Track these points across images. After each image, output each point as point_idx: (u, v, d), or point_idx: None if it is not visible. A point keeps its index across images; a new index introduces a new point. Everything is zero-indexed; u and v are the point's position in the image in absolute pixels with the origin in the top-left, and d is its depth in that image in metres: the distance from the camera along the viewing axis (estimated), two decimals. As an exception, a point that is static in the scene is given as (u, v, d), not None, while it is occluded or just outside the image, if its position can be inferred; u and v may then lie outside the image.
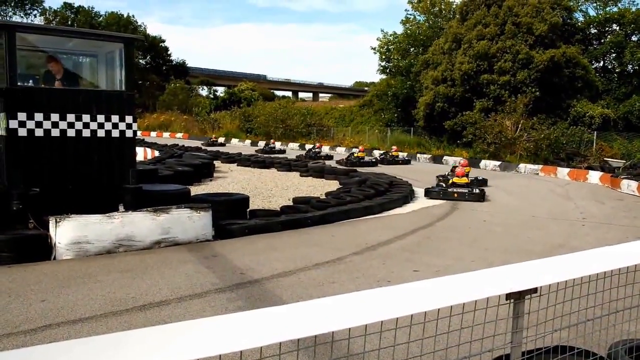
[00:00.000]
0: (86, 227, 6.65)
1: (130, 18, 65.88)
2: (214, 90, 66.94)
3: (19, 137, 6.88)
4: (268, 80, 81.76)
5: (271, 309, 1.46)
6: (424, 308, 1.71)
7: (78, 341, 1.17)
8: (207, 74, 74.33)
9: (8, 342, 4.01)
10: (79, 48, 8.68)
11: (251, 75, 77.22)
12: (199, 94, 64.90)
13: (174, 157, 20.47)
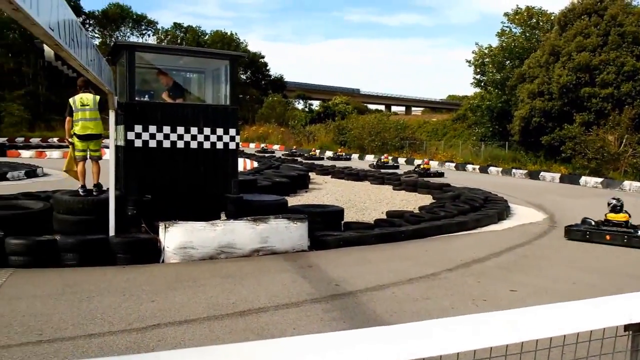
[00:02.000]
0: (192, 234, 7.05)
1: (234, 36, 69.40)
2: (309, 104, 68.61)
3: (135, 147, 7.47)
4: (361, 94, 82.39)
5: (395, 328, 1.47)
6: (533, 336, 1.65)
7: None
8: (303, 88, 76.36)
9: (122, 338, 4.32)
10: (189, 65, 9.29)
11: (345, 89, 78.26)
12: (295, 107, 66.76)
13: (272, 168, 21.13)
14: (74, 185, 8.36)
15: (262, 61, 70.24)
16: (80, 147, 7.80)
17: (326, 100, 63.55)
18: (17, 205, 8.20)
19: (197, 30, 69.99)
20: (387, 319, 4.98)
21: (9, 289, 5.55)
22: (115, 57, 8.22)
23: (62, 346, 4.08)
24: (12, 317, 4.67)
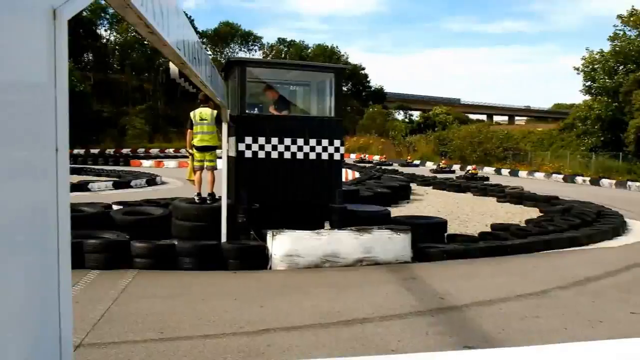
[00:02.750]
0: (298, 242, 7.26)
1: (335, 49, 70.75)
2: (409, 114, 68.06)
3: (246, 158, 7.86)
4: (462, 104, 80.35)
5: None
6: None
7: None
8: (403, 98, 75.98)
9: (234, 340, 4.52)
10: (296, 78, 9.61)
11: (445, 99, 76.85)
12: (395, 118, 66.50)
13: (373, 178, 21.17)
14: (190, 193, 8.94)
15: (362, 73, 70.86)
16: (197, 158, 8.35)
17: (426, 111, 62.73)
18: (140, 211, 8.94)
19: (300, 44, 72.18)
20: (494, 336, 4.80)
21: (134, 289, 6.05)
22: (228, 72, 8.72)
23: (181, 345, 4.36)
24: (137, 315, 5.07)
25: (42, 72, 0.89)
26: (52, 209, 0.94)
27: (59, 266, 0.96)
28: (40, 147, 0.88)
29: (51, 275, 0.94)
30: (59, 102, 0.93)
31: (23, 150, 0.84)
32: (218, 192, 8.34)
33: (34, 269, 0.88)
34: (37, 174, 0.88)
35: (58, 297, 0.96)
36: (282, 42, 73.30)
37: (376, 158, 47.24)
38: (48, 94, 0.91)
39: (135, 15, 1.56)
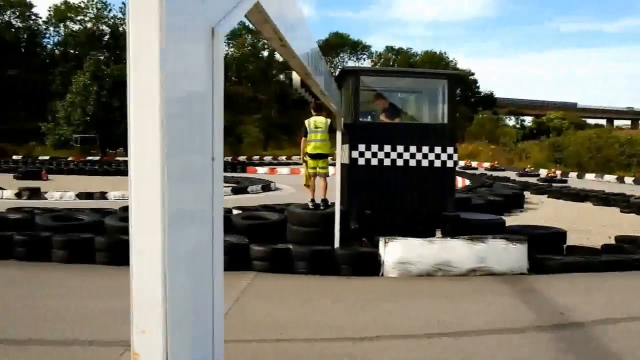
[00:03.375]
0: (410, 249, 7.18)
1: (443, 55, 69.44)
2: (521, 120, 64.95)
3: (359, 165, 7.94)
4: (578, 108, 75.10)
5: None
6: None
7: None
8: (514, 103, 72.85)
9: (341, 345, 4.57)
10: (408, 86, 9.55)
11: (560, 103, 72.42)
12: (506, 123, 63.74)
13: (485, 186, 20.42)
14: (302, 199, 9.18)
15: (471, 78, 68.82)
16: (311, 165, 8.58)
17: (539, 116, 59.43)
18: (258, 216, 9.35)
19: (407, 52, 71.67)
20: (628, 359, 4.41)
21: (253, 290, 6.33)
22: (342, 81, 8.87)
23: (298, 347, 4.50)
24: (255, 316, 5.31)
25: (205, 85, 0.97)
26: (209, 216, 1.02)
27: (213, 268, 1.04)
28: (201, 155, 0.96)
29: (208, 278, 1.02)
30: (215, 113, 1.01)
31: (192, 157, 0.92)
32: (331, 198, 8.50)
33: (198, 269, 0.97)
34: (198, 180, 0.96)
35: (212, 300, 1.03)
36: (390, 50, 73.26)
37: (486, 165, 45.50)
38: (208, 105, 0.99)
39: (271, 30, 1.65)
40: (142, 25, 0.77)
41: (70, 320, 5.11)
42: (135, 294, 0.81)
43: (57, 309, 5.46)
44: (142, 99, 0.79)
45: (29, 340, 4.53)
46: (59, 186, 20.60)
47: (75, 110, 45.60)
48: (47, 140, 46.87)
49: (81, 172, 29.50)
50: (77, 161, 36.55)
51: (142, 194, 0.79)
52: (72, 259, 7.37)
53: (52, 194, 17.05)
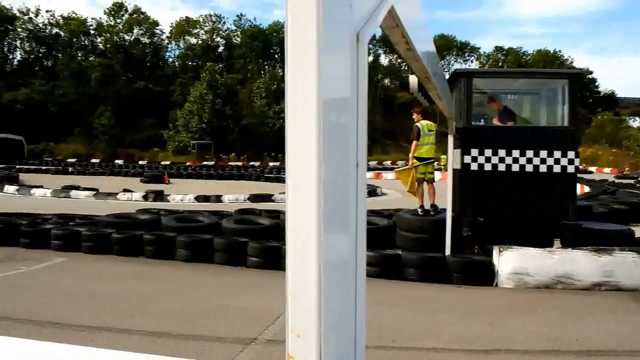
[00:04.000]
0: (527, 259, 6.80)
1: (557, 53, 65.24)
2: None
3: (471, 171, 7.66)
4: None
5: None
6: None
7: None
8: (638, 103, 66.47)
9: (450, 357, 4.42)
10: (524, 87, 9.07)
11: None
12: (630, 125, 58.46)
13: (607, 193, 18.86)
14: (409, 204, 9.02)
15: (589, 77, 63.95)
16: (421, 170, 8.43)
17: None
18: (368, 221, 9.33)
19: (518, 51, 68.18)
20: None
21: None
22: (453, 84, 8.63)
23: (411, 355, 4.42)
24: (369, 322, 5.29)
25: (350, 91, 0.98)
26: (353, 222, 1.01)
27: (357, 273, 1.03)
28: (347, 162, 0.96)
29: (352, 282, 1.02)
30: (359, 119, 1.01)
31: (341, 163, 0.92)
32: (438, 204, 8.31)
33: (345, 274, 0.97)
34: (344, 187, 0.96)
35: (355, 305, 1.03)
36: (500, 51, 70.13)
37: (607, 170, 41.92)
38: (353, 110, 0.99)
39: (400, 34, 1.63)
40: (300, 33, 0.79)
41: (195, 315, 5.43)
42: (291, 299, 0.82)
43: (183, 305, 5.83)
44: (300, 106, 0.80)
45: (157, 332, 4.88)
46: (179, 189, 22.06)
47: (193, 118, 48.68)
48: (168, 146, 50.47)
49: (198, 176, 31.39)
50: (194, 166, 38.91)
51: (298, 198, 0.81)
52: (194, 258, 7.85)
53: (174, 197, 18.30)
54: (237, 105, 51.45)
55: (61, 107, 52.80)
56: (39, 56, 63.62)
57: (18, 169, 34.51)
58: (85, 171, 34.66)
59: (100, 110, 51.17)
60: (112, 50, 61.31)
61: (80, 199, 18.98)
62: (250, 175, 31.25)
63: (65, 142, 50.38)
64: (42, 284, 6.78)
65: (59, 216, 10.79)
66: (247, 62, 63.29)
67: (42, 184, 22.91)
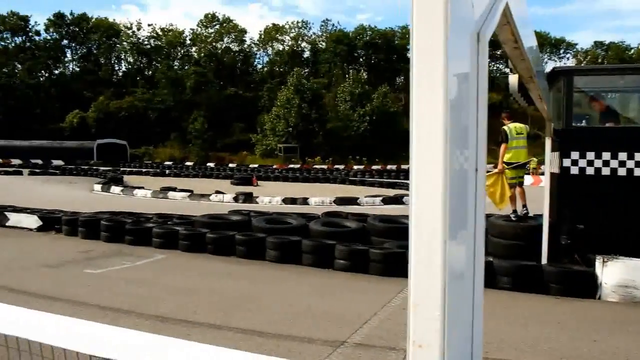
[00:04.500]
0: (634, 272, 6.30)
1: (668, 45, 60.08)
2: None
3: (571, 175, 7.21)
4: None
5: None
6: None
7: None
8: None
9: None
10: (631, 84, 8.41)
11: None
12: None
13: None
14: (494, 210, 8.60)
15: None
16: (511, 175, 8.08)
17: None
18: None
19: (620, 45, 63.41)
20: None
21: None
22: (551, 82, 8.19)
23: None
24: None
25: (472, 92, 0.94)
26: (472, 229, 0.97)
27: (474, 282, 0.99)
28: (467, 165, 0.92)
29: (470, 289, 0.98)
30: (480, 120, 0.97)
31: (462, 167, 0.89)
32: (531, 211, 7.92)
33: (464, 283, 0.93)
34: (464, 192, 0.92)
35: (472, 314, 0.99)
36: (600, 46, 65.62)
37: None
38: (473, 112, 0.95)
39: (509, 32, 1.56)
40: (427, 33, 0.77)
41: (285, 315, 5.53)
42: (413, 308, 0.80)
43: (273, 305, 5.96)
44: (426, 109, 0.78)
45: (249, 330, 5.02)
46: (267, 191, 22.65)
47: (280, 122, 49.85)
48: (256, 149, 51.97)
49: (285, 178, 32.07)
50: (281, 169, 39.81)
51: (423, 204, 0.78)
52: (282, 258, 8.01)
53: (262, 199, 18.81)
54: (322, 109, 52.02)
55: (159, 114, 56.05)
56: (140, 67, 67.96)
57: (122, 171, 36.99)
58: (181, 173, 36.51)
59: (194, 116, 53.71)
60: (205, 58, 64.22)
61: (176, 199, 20.01)
62: (335, 178, 31.46)
63: (163, 146, 53.38)
64: (144, 279, 7.20)
65: (159, 216, 11.42)
66: (332, 66, 63.87)
67: (143, 185, 24.40)
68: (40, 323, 1.61)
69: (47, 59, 63.44)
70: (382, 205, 17.77)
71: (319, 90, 54.25)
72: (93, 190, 23.59)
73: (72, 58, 67.58)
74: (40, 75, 62.79)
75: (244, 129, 55.54)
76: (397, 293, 6.46)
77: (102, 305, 5.79)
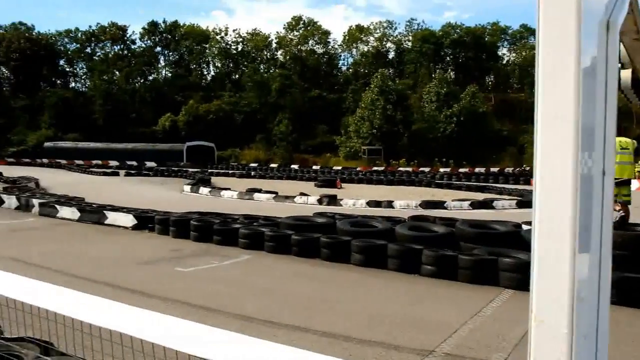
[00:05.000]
0: None
1: None
2: None
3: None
4: None
5: None
6: None
7: None
8: None
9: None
10: None
11: None
12: None
13: None
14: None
15: None
16: (614, 192, 7.55)
17: None
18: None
19: None
20: None
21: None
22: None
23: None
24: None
25: (601, 86, 0.85)
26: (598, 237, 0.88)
27: (599, 293, 0.90)
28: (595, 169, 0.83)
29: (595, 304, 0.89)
30: (608, 117, 0.87)
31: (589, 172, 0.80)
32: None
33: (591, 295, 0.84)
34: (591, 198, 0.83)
35: (596, 327, 0.90)
36: None
37: None
38: (601, 109, 0.86)
39: (632, 22, 1.42)
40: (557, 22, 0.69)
41: (371, 321, 5.47)
42: (536, 324, 0.73)
43: (358, 309, 5.92)
44: (555, 104, 0.71)
45: (334, 334, 5.01)
46: (351, 194, 22.70)
47: (364, 124, 49.79)
48: (340, 152, 52.25)
49: (368, 181, 32.00)
50: (365, 171, 39.75)
51: (549, 212, 0.71)
52: (367, 262, 7.95)
53: (347, 201, 18.86)
54: (407, 110, 51.37)
55: (245, 116, 57.87)
56: (228, 71, 70.61)
57: (209, 172, 38.55)
58: (265, 175, 37.49)
59: (279, 118, 54.96)
60: (290, 61, 65.56)
61: (261, 201, 20.53)
62: (420, 181, 30.95)
63: (249, 148, 55.05)
64: (231, 278, 7.42)
65: (245, 217, 11.75)
66: (417, 66, 62.95)
67: (229, 186, 25.28)
68: (140, 320, 1.66)
69: (142, 65, 67.52)
70: (470, 209, 17.21)
71: (404, 91, 53.65)
72: (183, 191, 24.74)
73: (164, 64, 71.61)
74: (135, 82, 66.93)
75: (327, 131, 56.06)
76: (488, 302, 6.21)
77: (192, 303, 6.02)
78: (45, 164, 44.01)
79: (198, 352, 1.50)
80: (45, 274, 7.16)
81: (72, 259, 8.40)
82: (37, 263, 7.99)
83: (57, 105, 55.80)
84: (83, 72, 71.20)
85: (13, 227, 12.14)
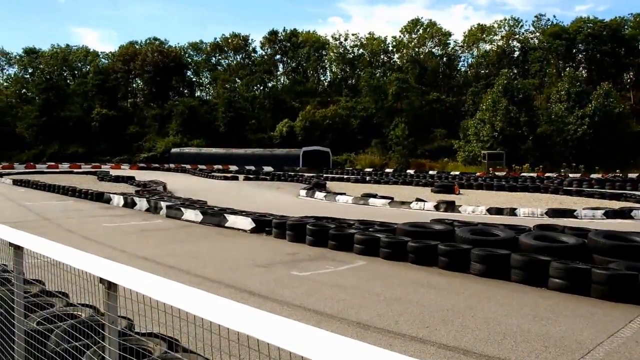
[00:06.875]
0: None
1: None
2: None
3: None
4: None
5: None
6: None
7: None
8: None
9: None
10: None
11: None
12: None
13: None
14: None
15: None
16: None
17: None
18: None
19: None
20: None
21: None
22: None
23: None
24: None
25: None
26: None
27: None
28: None
29: None
30: None
31: None
32: None
33: None
34: None
35: None
36: None
37: None
38: None
39: None
40: None
41: (494, 335, 5.13)
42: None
43: (480, 322, 5.59)
44: None
45: (454, 347, 4.75)
46: (469, 200, 21.79)
47: (484, 127, 47.65)
48: (458, 156, 50.51)
49: (488, 187, 30.46)
50: (484, 176, 38.01)
51: None
52: (488, 272, 7.52)
53: (465, 208, 18.10)
54: (532, 112, 48.29)
55: (361, 121, 58.07)
56: (344, 76, 71.46)
57: (325, 177, 39.15)
58: (380, 180, 37.23)
59: (395, 122, 54.40)
60: (408, 64, 64.72)
61: (376, 206, 20.37)
62: (546, 187, 28.88)
63: (364, 153, 55.14)
64: (346, 284, 7.37)
65: (360, 222, 11.68)
66: (544, 65, 59.06)
67: (344, 191, 25.43)
68: (268, 324, 1.63)
69: (262, 73, 70.59)
70: (604, 219, 15.70)
71: (530, 92, 50.54)
72: (299, 196, 25.28)
73: (283, 71, 74.28)
74: (255, 89, 70.11)
75: (445, 135, 54.57)
76: (627, 322, 5.57)
77: (307, 308, 6.05)
78: (171, 169, 47.89)
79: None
80: (173, 273, 7.62)
81: (196, 260, 8.88)
82: (165, 263, 8.55)
83: (184, 114, 60.28)
84: (207, 81, 76.30)
85: (143, 227, 13.17)
